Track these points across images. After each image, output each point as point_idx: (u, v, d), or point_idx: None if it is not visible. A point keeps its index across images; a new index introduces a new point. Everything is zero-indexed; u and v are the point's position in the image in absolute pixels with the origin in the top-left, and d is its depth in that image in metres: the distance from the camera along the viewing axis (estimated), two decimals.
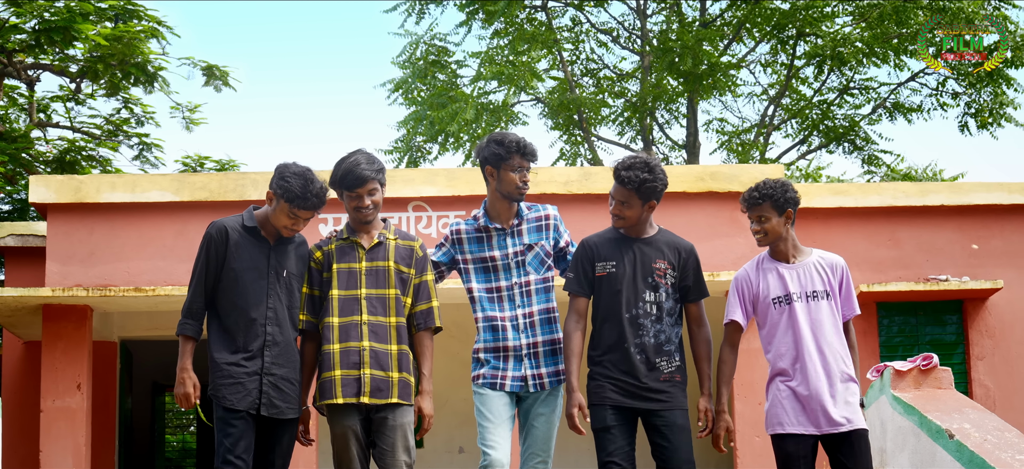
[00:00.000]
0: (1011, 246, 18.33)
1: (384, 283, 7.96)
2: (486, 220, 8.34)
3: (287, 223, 7.94)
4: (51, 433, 16.68)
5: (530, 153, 8.20)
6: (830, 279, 8.07)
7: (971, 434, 9.42)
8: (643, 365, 7.91)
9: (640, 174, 7.98)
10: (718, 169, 17.55)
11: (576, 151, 34.56)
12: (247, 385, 7.75)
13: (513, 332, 8.16)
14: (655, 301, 7.98)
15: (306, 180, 7.89)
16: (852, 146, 33.56)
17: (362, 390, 7.79)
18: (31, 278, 18.22)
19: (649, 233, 8.20)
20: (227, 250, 7.94)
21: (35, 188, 17.19)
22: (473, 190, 17.21)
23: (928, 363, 10.79)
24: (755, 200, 8.04)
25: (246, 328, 7.84)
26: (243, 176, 17.71)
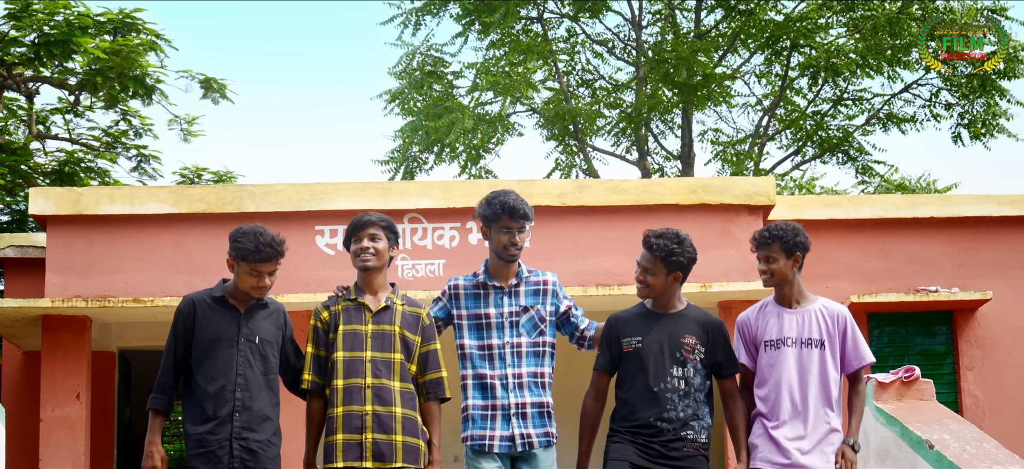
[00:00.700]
0: (1000, 258, 18.53)
1: (390, 347, 7.96)
2: (485, 277, 8.33)
3: (252, 283, 7.95)
4: (50, 442, 16.83)
5: (519, 215, 8.18)
6: (830, 328, 8.00)
7: (950, 444, 9.62)
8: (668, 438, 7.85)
9: (669, 244, 7.94)
10: (710, 181, 17.73)
11: (571, 161, 34.71)
12: (218, 453, 7.77)
13: (503, 391, 8.15)
14: (683, 376, 7.91)
15: (256, 234, 7.95)
16: (846, 157, 33.73)
17: (363, 455, 7.77)
18: (30, 289, 18.40)
19: (677, 307, 8.08)
20: (195, 322, 7.96)
21: (35, 200, 17.35)
22: (468, 202, 17.36)
23: (910, 375, 11.00)
24: (765, 239, 8.06)
25: (215, 396, 7.84)
26: (240, 189, 17.87)
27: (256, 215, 17.17)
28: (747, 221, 17.34)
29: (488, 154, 34.07)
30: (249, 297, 8.06)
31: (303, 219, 17.35)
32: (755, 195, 17.38)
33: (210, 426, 7.80)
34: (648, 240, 8.00)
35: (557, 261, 16.97)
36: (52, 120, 26.21)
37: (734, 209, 17.41)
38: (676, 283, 8.02)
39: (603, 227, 17.40)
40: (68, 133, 25.98)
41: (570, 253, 17.13)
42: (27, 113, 25.12)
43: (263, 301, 8.14)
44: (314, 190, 17.43)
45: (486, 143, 33.57)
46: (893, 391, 11.00)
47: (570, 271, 16.90)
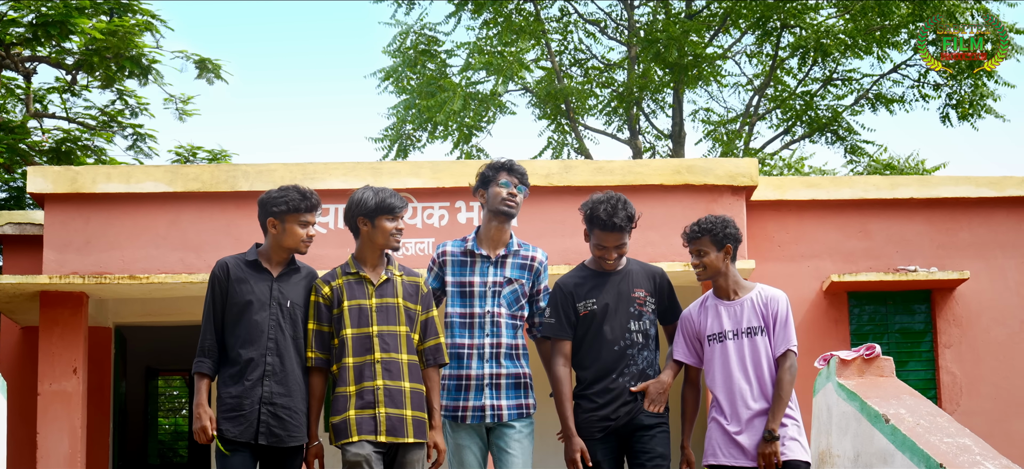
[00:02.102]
0: (978, 238, 18.82)
1: (395, 320, 8.02)
2: (474, 245, 8.51)
3: (303, 234, 8.10)
4: (48, 416, 17.23)
5: (517, 171, 8.43)
6: (765, 314, 8.11)
7: (905, 418, 9.97)
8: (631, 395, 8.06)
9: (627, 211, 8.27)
10: (694, 162, 18.03)
11: (563, 140, 34.96)
12: (248, 416, 7.83)
13: (478, 360, 8.30)
14: (639, 329, 8.15)
15: (296, 188, 8.17)
16: (835, 136, 34.01)
17: (378, 428, 7.83)
18: (28, 265, 18.70)
19: (620, 265, 8.30)
20: (229, 284, 8.03)
21: (33, 179, 17.65)
22: (457, 182, 17.72)
23: (871, 352, 11.32)
24: (694, 234, 8.16)
25: (247, 359, 7.91)
26: (235, 168, 18.18)
27: (250, 194, 17.46)
28: (730, 202, 17.65)
29: (480, 133, 34.33)
30: (287, 257, 8.18)
31: None
32: (738, 176, 17.69)
33: (241, 389, 7.91)
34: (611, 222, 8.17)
35: (543, 240, 17.25)
36: (49, 99, 26.44)
37: (718, 189, 17.71)
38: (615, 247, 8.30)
39: None
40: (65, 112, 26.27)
41: (556, 232, 17.41)
42: (25, 92, 25.36)
43: (296, 265, 8.24)
44: (306, 170, 17.73)
45: (478, 122, 33.84)
46: (855, 368, 11.31)
47: (556, 249, 17.19)
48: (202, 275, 16.97)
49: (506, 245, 8.51)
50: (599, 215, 8.12)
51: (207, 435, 7.92)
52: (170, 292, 17.66)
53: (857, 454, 10.80)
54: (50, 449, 17.14)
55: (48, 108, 26.35)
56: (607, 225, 8.08)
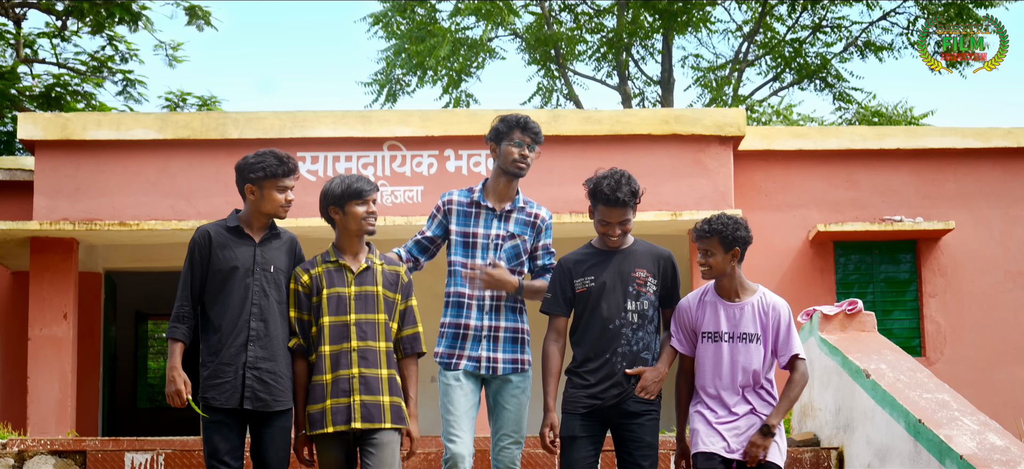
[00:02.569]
0: (963, 188, 18.92)
1: (373, 308, 7.96)
2: (480, 196, 8.41)
3: (281, 199, 7.96)
4: (38, 361, 17.35)
5: (531, 130, 8.33)
6: (765, 322, 7.96)
7: (886, 374, 10.10)
8: (623, 375, 7.95)
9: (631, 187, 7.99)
10: (682, 112, 18.12)
11: (552, 86, 34.97)
12: (233, 381, 7.79)
13: (477, 312, 8.28)
14: (636, 310, 8.02)
15: (273, 152, 8.03)
16: (823, 83, 34.05)
17: (352, 416, 7.76)
18: (19, 211, 18.76)
19: (627, 243, 8.14)
20: (211, 252, 7.95)
21: (23, 125, 17.73)
22: (446, 131, 17.81)
23: (853, 308, 11.45)
24: (703, 233, 7.94)
25: (231, 325, 7.84)
26: (224, 116, 18.25)
27: (239, 141, 17.57)
28: (718, 151, 17.75)
29: (469, 78, 34.34)
30: (267, 223, 8.07)
31: (285, 146, 17.54)
32: (726, 126, 17.78)
33: (224, 355, 7.83)
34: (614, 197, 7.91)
35: (531, 189, 17.26)
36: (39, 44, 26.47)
37: (705, 139, 17.81)
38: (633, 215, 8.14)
39: (577, 156, 17.76)
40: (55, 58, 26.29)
41: (545, 181, 17.49)
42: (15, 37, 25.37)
43: (276, 230, 8.14)
44: (296, 118, 17.82)
45: (467, 67, 33.86)
46: (837, 323, 11.45)
47: (544, 198, 17.16)
48: (192, 222, 17.08)
49: (512, 200, 8.47)
50: (602, 190, 7.93)
51: (181, 398, 7.85)
52: (160, 238, 17.76)
53: (838, 408, 10.96)
54: (40, 394, 17.25)
55: (38, 54, 26.37)
56: (610, 200, 7.89)
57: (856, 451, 10.46)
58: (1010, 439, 8.74)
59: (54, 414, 17.17)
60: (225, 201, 17.38)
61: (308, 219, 17.08)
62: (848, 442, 10.68)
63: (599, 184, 7.97)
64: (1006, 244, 18.88)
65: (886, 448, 9.78)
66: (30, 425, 16.93)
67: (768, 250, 18.18)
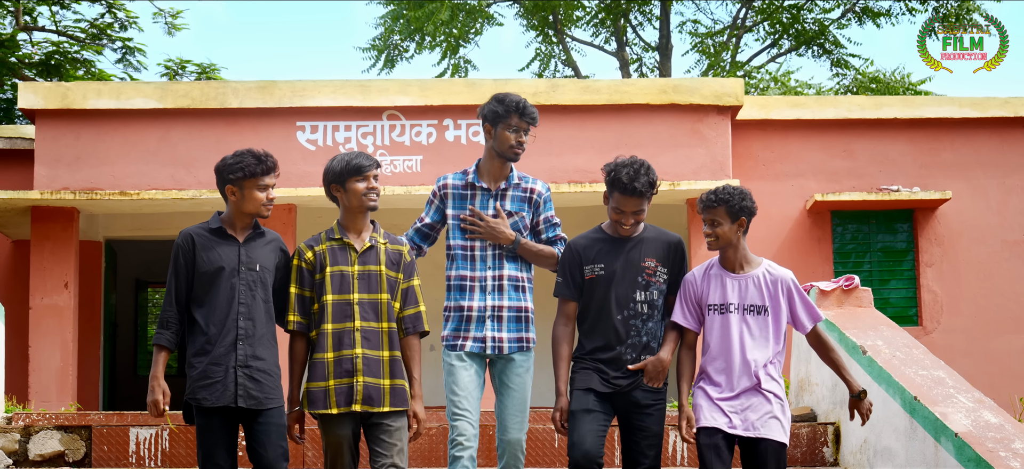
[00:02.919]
0: (960, 158, 19.01)
1: (376, 288, 7.94)
2: (474, 177, 8.37)
3: (263, 198, 7.90)
4: (40, 329, 17.48)
5: (529, 115, 8.25)
6: (773, 293, 7.93)
7: (882, 350, 10.18)
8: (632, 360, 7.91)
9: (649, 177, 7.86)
10: (680, 82, 18.17)
11: (550, 52, 35.02)
12: (224, 381, 7.74)
13: (480, 293, 8.26)
14: (645, 300, 7.97)
15: (250, 152, 7.97)
16: (821, 49, 34.12)
17: (354, 398, 7.74)
18: (19, 179, 18.83)
19: (636, 231, 8.05)
20: (195, 254, 7.90)
21: (24, 94, 17.78)
22: (445, 100, 17.87)
23: (849, 283, 11.53)
24: (710, 203, 7.84)
25: (219, 325, 7.81)
26: (224, 85, 18.31)
27: (239, 111, 17.66)
28: (716, 121, 17.82)
29: (467, 44, 34.38)
30: (250, 223, 7.99)
31: (285, 115, 17.81)
32: (724, 96, 17.85)
33: (214, 355, 7.77)
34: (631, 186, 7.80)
35: (530, 158, 17.32)
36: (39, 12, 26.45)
37: (703, 109, 17.87)
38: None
39: (576, 126, 17.85)
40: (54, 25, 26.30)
41: (543, 151, 17.57)
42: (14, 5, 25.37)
43: (261, 230, 8.06)
44: (295, 87, 17.87)
45: (465, 33, 33.89)
46: (834, 298, 11.52)
47: (543, 168, 17.36)
48: (192, 192, 17.16)
49: (506, 178, 8.40)
50: (620, 178, 7.80)
51: (158, 409, 7.80)
52: (160, 208, 17.83)
53: (835, 383, 11.05)
54: (42, 362, 17.38)
55: (37, 21, 26.37)
56: (627, 189, 7.79)
57: (852, 426, 10.55)
58: (1004, 416, 8.84)
59: (55, 383, 17.28)
60: None
61: (308, 189, 17.21)
62: (845, 417, 10.77)
63: (618, 172, 7.86)
64: (1002, 214, 18.97)
65: (883, 424, 9.87)
66: (32, 394, 17.03)
67: (766, 220, 18.24)
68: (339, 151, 17.56)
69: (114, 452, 11.26)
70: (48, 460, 11.28)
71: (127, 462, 11.25)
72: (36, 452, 11.28)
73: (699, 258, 17.18)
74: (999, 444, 8.31)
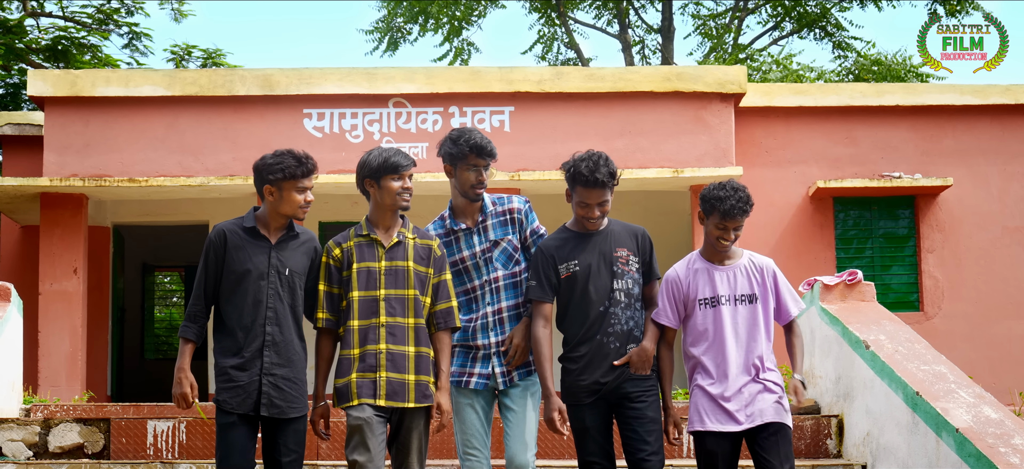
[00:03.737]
0: (962, 145, 19.13)
1: (403, 283, 7.84)
2: (452, 221, 8.24)
3: (300, 200, 7.81)
4: (49, 315, 17.63)
5: (486, 152, 8.09)
6: (760, 282, 7.97)
7: (885, 345, 10.33)
8: (616, 355, 7.90)
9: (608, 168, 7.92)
10: (683, 70, 18.32)
11: (553, 34, 35.10)
12: (247, 388, 7.70)
13: (482, 332, 8.12)
14: (623, 288, 7.94)
15: (291, 153, 7.85)
16: (823, 32, 34.18)
17: (377, 392, 7.67)
18: (27, 165, 19.01)
19: (602, 225, 8.09)
20: (226, 253, 7.85)
21: (33, 82, 17.93)
22: (451, 88, 18.07)
23: (853, 278, 11.66)
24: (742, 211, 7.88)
25: (246, 329, 7.77)
26: (232, 73, 18.47)
27: (246, 98, 17.81)
28: (719, 108, 17.96)
29: (470, 27, 34.47)
30: (284, 224, 7.92)
31: (291, 102, 17.95)
32: (727, 83, 17.99)
33: (240, 360, 7.74)
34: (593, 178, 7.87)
35: (535, 145, 17.64)
36: None
37: (706, 97, 18.02)
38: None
39: (580, 113, 18.00)
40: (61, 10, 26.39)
41: (548, 138, 17.74)
42: None
43: (294, 231, 7.99)
44: (302, 75, 18.02)
45: (468, 15, 33.98)
46: (837, 293, 11.65)
47: (547, 155, 17.54)
48: (200, 179, 17.32)
49: (481, 210, 8.25)
50: (581, 171, 7.87)
51: (187, 402, 7.82)
52: (168, 194, 17.98)
53: (838, 376, 11.19)
54: (51, 347, 17.53)
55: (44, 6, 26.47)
56: (589, 181, 7.86)
57: (856, 419, 10.70)
58: (1004, 412, 8.98)
59: (65, 369, 17.43)
60: (232, 157, 17.65)
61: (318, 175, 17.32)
62: (848, 410, 10.92)
63: (577, 167, 7.92)
64: (1003, 200, 19.10)
65: (885, 418, 10.02)
66: (41, 379, 17.16)
67: (768, 206, 18.38)
68: (345, 138, 17.90)
69: (132, 444, 11.42)
70: (68, 452, 11.43)
71: (145, 454, 11.41)
72: (56, 444, 11.44)
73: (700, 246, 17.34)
74: (999, 440, 8.45)
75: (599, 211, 7.96)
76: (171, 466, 10.56)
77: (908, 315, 18.08)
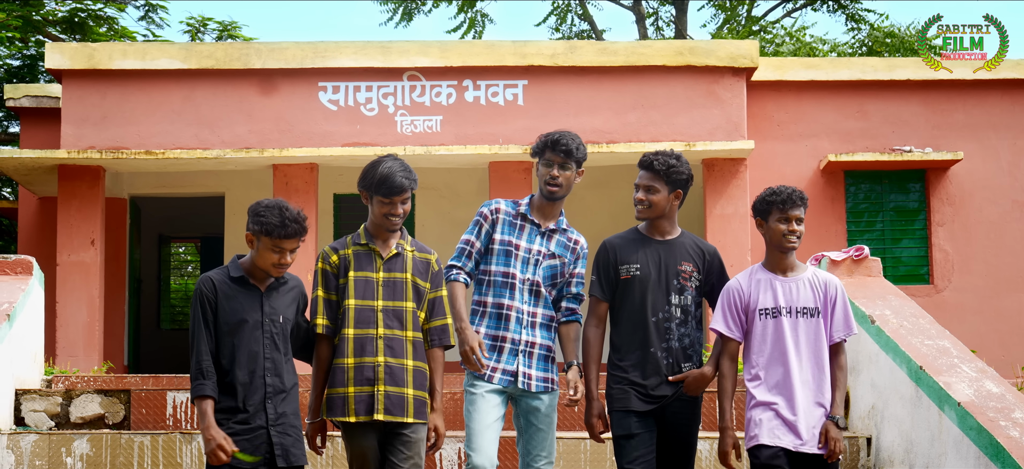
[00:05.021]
0: (972, 119, 19.24)
1: (401, 296, 7.69)
2: (527, 210, 8.17)
3: (274, 259, 7.51)
4: (67, 286, 17.84)
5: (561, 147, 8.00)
6: (824, 297, 7.75)
7: (890, 320, 10.46)
8: (668, 370, 7.74)
9: (669, 160, 7.76)
10: (696, 44, 18.43)
11: (567, 6, 35.17)
12: (254, 441, 7.43)
13: (516, 324, 8.02)
14: (680, 304, 7.79)
15: (281, 209, 7.48)
16: (836, 4, 34.22)
17: (375, 407, 7.50)
18: (45, 137, 19.22)
19: (673, 234, 7.94)
20: (218, 302, 7.53)
21: (51, 55, 18.11)
22: (465, 62, 18.21)
23: (860, 254, 11.78)
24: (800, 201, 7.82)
25: (246, 383, 7.48)
26: (247, 47, 18.62)
27: (262, 71, 17.96)
28: (731, 83, 18.07)
29: None
30: (268, 275, 7.63)
31: (307, 76, 18.10)
32: (739, 58, 18.09)
33: (243, 417, 7.49)
34: (646, 159, 7.78)
35: (549, 119, 17.76)
36: None
37: (719, 71, 18.13)
38: (676, 202, 7.87)
39: (593, 87, 18.12)
40: None
41: (561, 112, 17.89)
42: None
43: (283, 277, 7.72)
44: (317, 48, 18.16)
45: None
46: (844, 268, 11.76)
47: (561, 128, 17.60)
48: (216, 151, 17.51)
49: (556, 221, 8.20)
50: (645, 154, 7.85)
51: (226, 454, 7.38)
52: (185, 166, 18.15)
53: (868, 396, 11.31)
54: (69, 318, 17.75)
55: None
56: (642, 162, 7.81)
57: (861, 393, 10.84)
58: (1005, 386, 9.11)
59: (83, 339, 17.62)
60: (248, 129, 17.85)
61: (330, 148, 17.55)
62: (854, 384, 11.02)
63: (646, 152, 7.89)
64: (1014, 174, 19.22)
65: (889, 391, 10.16)
66: (59, 350, 17.36)
67: (779, 179, 18.25)
68: (360, 111, 18.04)
69: (152, 415, 11.61)
70: (89, 422, 11.64)
71: (165, 424, 11.61)
72: (77, 415, 11.65)
73: (714, 220, 17.49)
74: (999, 413, 8.58)
75: (643, 195, 7.80)
76: (190, 437, 10.71)
77: (918, 288, 18.23)
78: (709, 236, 17.33)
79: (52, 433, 10.92)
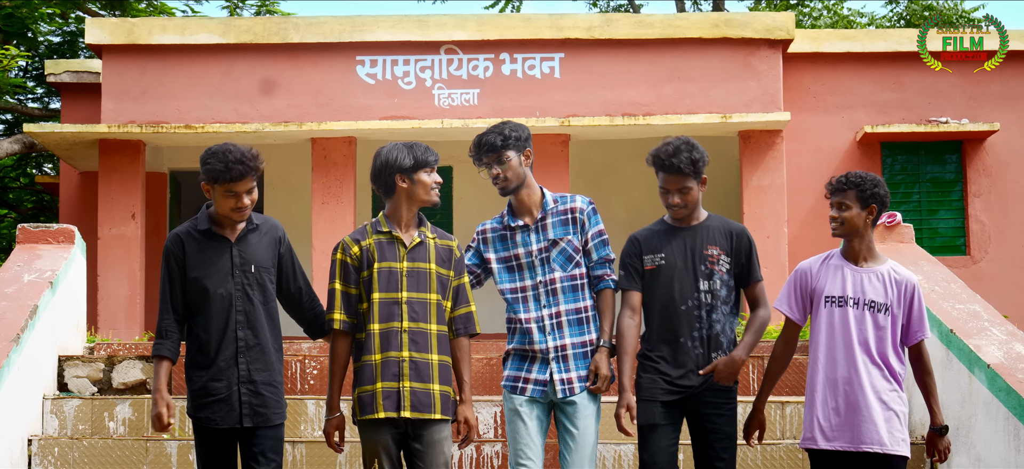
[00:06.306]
0: (1009, 90, 19.20)
1: (425, 287, 7.35)
2: (510, 218, 7.92)
3: (231, 204, 7.25)
4: (107, 259, 18.07)
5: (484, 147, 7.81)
6: (895, 295, 7.44)
7: (922, 284, 10.46)
8: (699, 359, 7.59)
9: (690, 154, 7.58)
10: (732, 16, 18.46)
11: None
12: (228, 400, 7.28)
13: (539, 334, 7.73)
14: (709, 289, 7.62)
15: (224, 153, 7.24)
16: None
17: (402, 404, 7.19)
18: (85, 112, 19.44)
19: (700, 219, 7.78)
20: (185, 259, 7.33)
21: (91, 30, 18.29)
22: (502, 35, 18.31)
23: (892, 220, 11.85)
24: (839, 186, 7.48)
25: (218, 337, 7.29)
26: (285, 21, 18.76)
27: (299, 45, 18.10)
28: (767, 55, 18.10)
29: None
30: (233, 221, 7.38)
31: (344, 50, 18.23)
32: (775, 30, 18.12)
33: (214, 371, 7.31)
34: (668, 163, 7.57)
35: (585, 91, 17.86)
36: None
37: (755, 43, 18.16)
38: (703, 189, 7.73)
39: (629, 60, 18.19)
40: None
41: (598, 84, 17.98)
42: None
43: (253, 223, 7.47)
44: (355, 22, 18.28)
45: None
46: (876, 235, 11.69)
47: (598, 102, 17.80)
48: (255, 125, 17.67)
49: (541, 206, 7.89)
50: (659, 155, 7.60)
51: (163, 422, 7.29)
52: (224, 139, 18.22)
53: None
54: (110, 291, 17.94)
55: None
56: (666, 166, 7.58)
57: None
58: None
59: (124, 311, 17.82)
60: (286, 103, 18.01)
61: (368, 122, 17.69)
62: None
63: (657, 153, 7.65)
64: None
65: None
66: (100, 322, 17.55)
67: (816, 151, 18.54)
68: (398, 85, 18.15)
69: None
70: (131, 388, 11.80)
71: None
72: (120, 381, 11.82)
73: (751, 192, 17.50)
74: None
75: (679, 198, 7.65)
76: None
77: (955, 259, 18.24)
78: (746, 208, 17.39)
79: (94, 398, 11.11)
